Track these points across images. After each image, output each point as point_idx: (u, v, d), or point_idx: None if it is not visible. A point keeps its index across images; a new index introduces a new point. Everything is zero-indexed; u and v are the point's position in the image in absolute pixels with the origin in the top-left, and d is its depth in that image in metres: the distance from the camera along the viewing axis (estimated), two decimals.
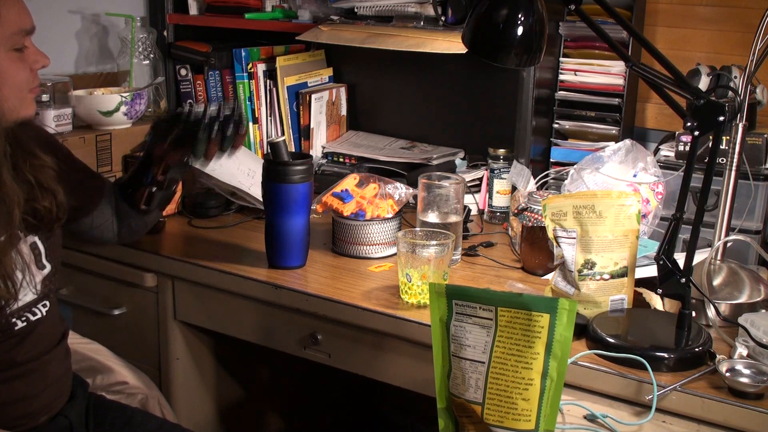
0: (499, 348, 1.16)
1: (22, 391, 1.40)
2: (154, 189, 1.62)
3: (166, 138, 1.54)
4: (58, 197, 1.41)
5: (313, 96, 2.34)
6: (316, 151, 2.38)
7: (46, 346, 1.44)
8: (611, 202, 1.50)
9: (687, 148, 1.81)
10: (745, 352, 1.35)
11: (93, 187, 1.63)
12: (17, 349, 1.39)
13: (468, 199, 2.00)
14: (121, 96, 2.10)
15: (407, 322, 1.53)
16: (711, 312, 1.48)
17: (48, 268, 1.43)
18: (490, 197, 2.06)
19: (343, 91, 2.47)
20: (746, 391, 1.26)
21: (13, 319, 1.37)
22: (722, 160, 1.59)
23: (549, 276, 1.69)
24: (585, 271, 1.50)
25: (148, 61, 2.37)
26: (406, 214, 1.94)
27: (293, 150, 2.35)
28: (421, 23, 2.09)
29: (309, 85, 2.40)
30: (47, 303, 1.44)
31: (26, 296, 1.38)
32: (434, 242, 1.58)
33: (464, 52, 1.53)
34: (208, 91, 2.40)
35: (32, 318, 1.40)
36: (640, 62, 1.43)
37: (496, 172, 2.04)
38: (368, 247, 1.80)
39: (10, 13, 1.31)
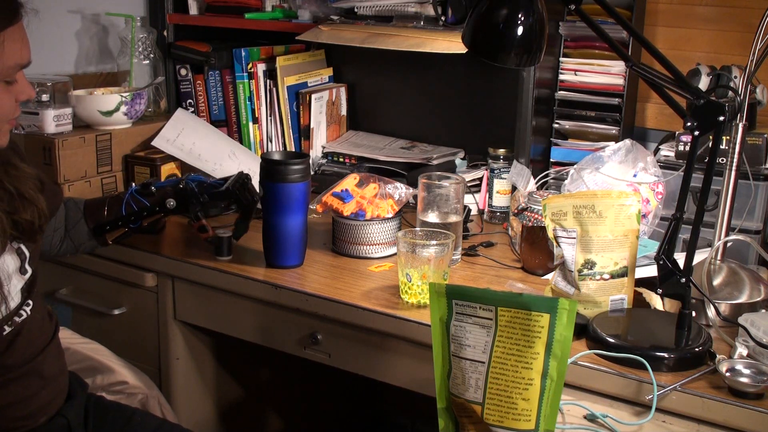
0: (499, 348, 1.16)
1: (20, 393, 1.39)
2: (130, 233, 1.71)
3: (213, 213, 1.76)
4: (39, 206, 1.39)
5: (313, 96, 2.34)
6: (316, 151, 2.38)
7: (38, 346, 1.43)
8: (611, 202, 1.50)
9: (687, 148, 1.81)
10: (745, 352, 1.35)
11: (58, 198, 1.63)
12: (8, 353, 1.37)
13: (468, 199, 2.00)
14: (121, 96, 2.09)
15: (407, 322, 1.53)
16: (711, 312, 1.48)
17: (29, 272, 1.42)
18: (490, 197, 2.06)
19: (343, 91, 2.47)
20: (746, 391, 1.26)
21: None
22: (722, 160, 1.59)
23: (549, 276, 1.69)
24: (585, 271, 1.50)
25: (148, 61, 2.37)
26: (406, 214, 1.94)
27: (293, 150, 2.35)
28: (421, 23, 2.09)
29: (309, 85, 2.40)
30: (30, 302, 1.42)
31: (2, 308, 1.35)
32: (434, 242, 1.58)
33: (464, 52, 1.53)
34: (208, 91, 2.40)
35: (18, 320, 1.39)
36: (640, 62, 1.43)
37: (496, 172, 2.04)
38: (368, 247, 1.80)
39: (14, 47, 1.28)
